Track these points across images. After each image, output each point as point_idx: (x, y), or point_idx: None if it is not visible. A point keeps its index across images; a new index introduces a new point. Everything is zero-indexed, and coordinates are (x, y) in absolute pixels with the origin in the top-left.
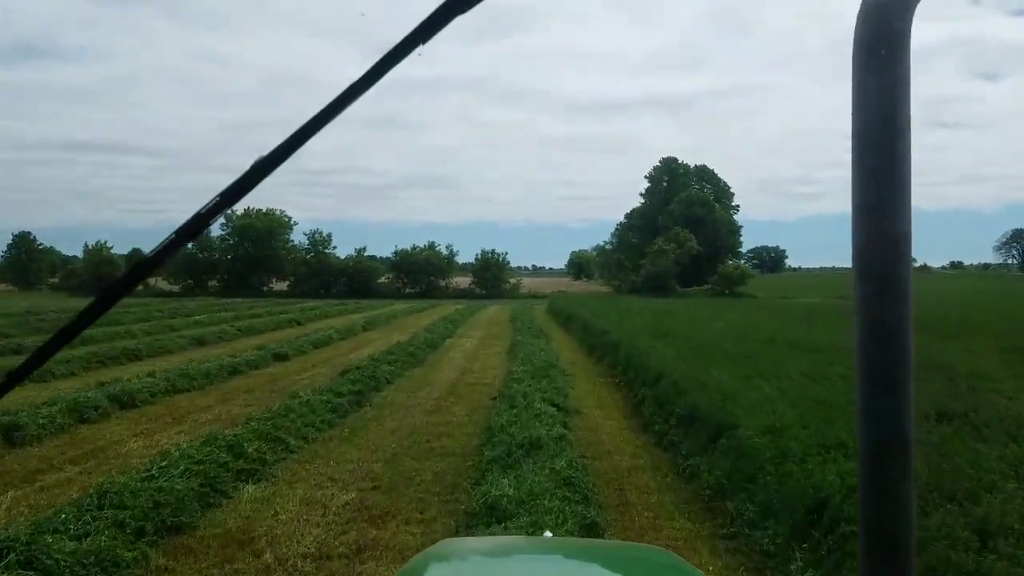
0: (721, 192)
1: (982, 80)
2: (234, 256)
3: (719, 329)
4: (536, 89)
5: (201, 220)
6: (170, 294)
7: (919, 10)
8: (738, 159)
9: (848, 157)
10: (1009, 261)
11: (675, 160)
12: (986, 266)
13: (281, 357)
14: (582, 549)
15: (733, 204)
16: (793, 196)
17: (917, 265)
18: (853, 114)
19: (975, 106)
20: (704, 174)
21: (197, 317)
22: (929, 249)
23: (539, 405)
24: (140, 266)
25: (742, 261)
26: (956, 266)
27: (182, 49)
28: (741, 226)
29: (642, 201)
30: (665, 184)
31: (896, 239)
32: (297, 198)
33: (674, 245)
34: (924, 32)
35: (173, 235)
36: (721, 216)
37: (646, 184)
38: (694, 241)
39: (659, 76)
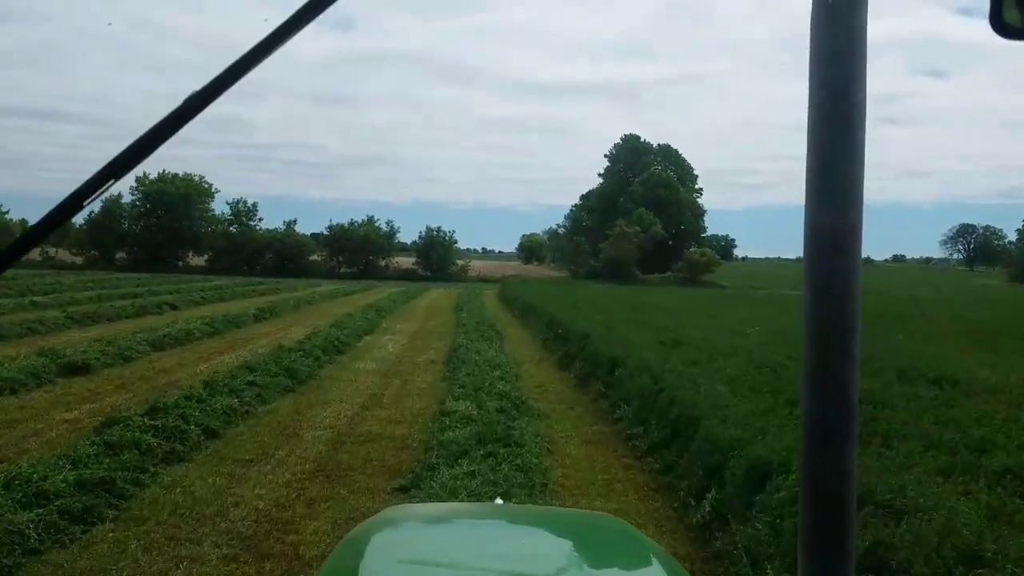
0: (685, 174)
1: (929, 77)
2: (145, 225)
3: (754, 337)
4: (486, 69)
5: (91, 187)
6: (72, 266)
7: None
8: (686, 148)
9: (793, 150)
10: (954, 256)
11: (638, 138)
12: (927, 260)
13: (76, 370)
14: (531, 515)
15: (697, 187)
16: (739, 187)
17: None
18: (809, 90)
19: (920, 102)
20: (668, 154)
21: (38, 297)
22: (871, 242)
23: None
24: (27, 238)
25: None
26: (898, 259)
27: (115, 14)
28: (705, 210)
29: (600, 181)
30: (622, 165)
31: (848, 203)
32: (231, 172)
33: (637, 228)
34: (872, 28)
35: (62, 204)
36: (685, 198)
37: (602, 167)
38: (659, 224)
39: (609, 62)
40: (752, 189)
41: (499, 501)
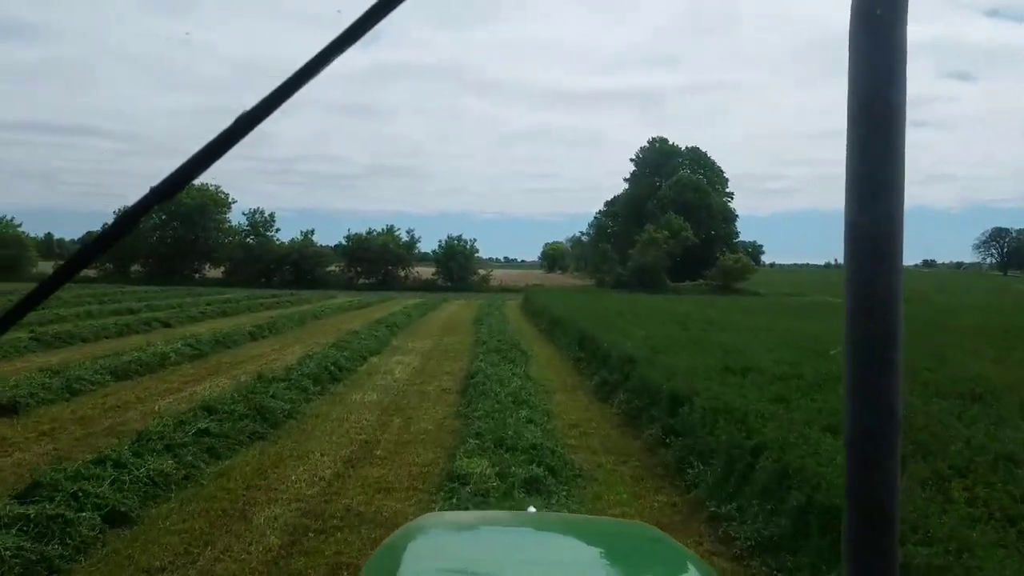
0: (715, 177)
1: (956, 80)
2: (160, 237)
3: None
4: (510, 79)
5: (142, 207)
6: (88, 280)
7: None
8: (711, 154)
9: (821, 153)
10: (987, 260)
11: (665, 141)
12: (959, 264)
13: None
14: (566, 523)
15: (727, 191)
16: (765, 192)
17: None
18: (848, 92)
19: (947, 106)
20: (697, 157)
21: None
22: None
23: None
24: (81, 254)
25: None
26: (929, 264)
27: (147, 32)
28: (737, 215)
29: (625, 187)
30: (649, 169)
31: (889, 207)
32: (257, 185)
33: (666, 233)
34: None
35: (116, 222)
36: (716, 203)
37: (626, 173)
38: (689, 230)
39: (634, 71)
40: (778, 194)
41: (532, 509)
